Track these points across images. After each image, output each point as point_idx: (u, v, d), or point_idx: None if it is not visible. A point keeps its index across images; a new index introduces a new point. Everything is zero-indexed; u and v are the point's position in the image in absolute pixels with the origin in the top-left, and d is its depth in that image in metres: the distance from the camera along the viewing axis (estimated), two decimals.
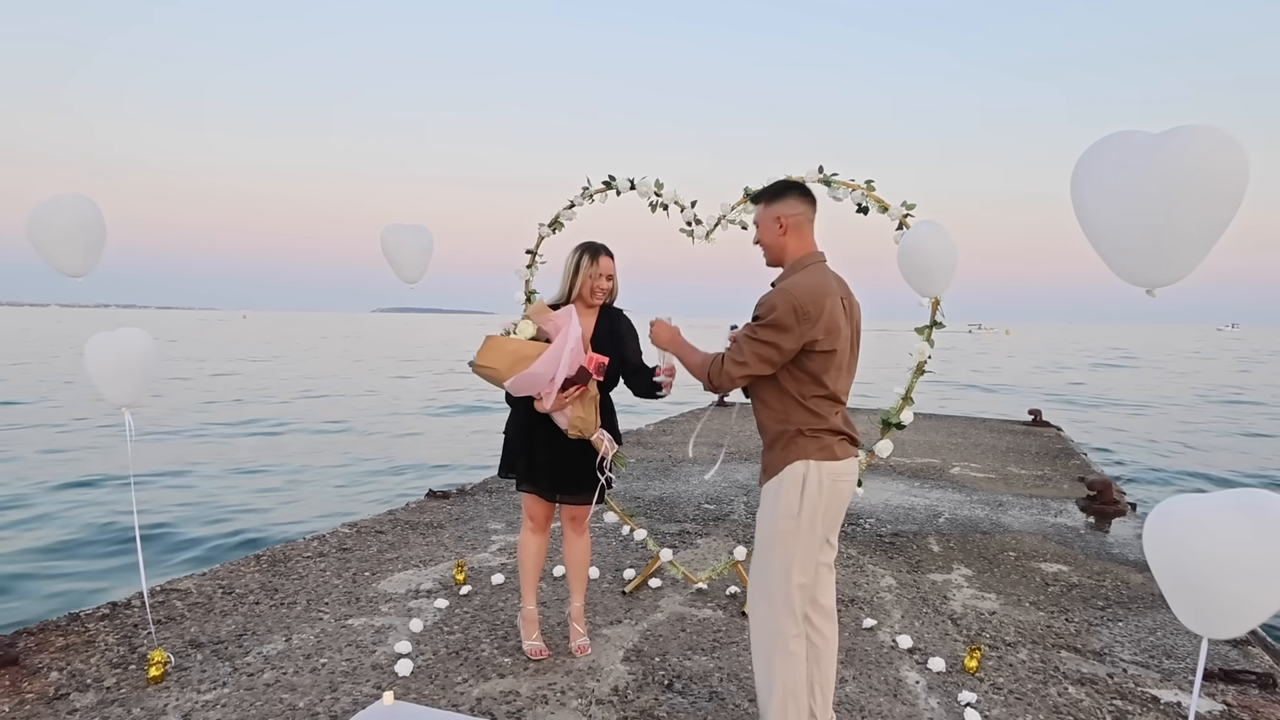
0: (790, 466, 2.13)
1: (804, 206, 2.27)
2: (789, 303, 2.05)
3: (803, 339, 2.06)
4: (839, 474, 2.14)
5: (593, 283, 2.79)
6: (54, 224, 2.66)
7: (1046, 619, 3.54)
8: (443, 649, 3.05)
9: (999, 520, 5.36)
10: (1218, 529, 1.51)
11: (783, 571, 2.13)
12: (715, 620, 3.41)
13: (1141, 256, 1.66)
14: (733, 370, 2.11)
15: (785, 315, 2.04)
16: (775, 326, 2.05)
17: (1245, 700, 2.80)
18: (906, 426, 3.38)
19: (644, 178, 3.67)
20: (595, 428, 2.78)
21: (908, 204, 3.24)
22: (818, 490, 2.11)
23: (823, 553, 2.20)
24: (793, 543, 2.12)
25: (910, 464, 7.48)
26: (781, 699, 2.13)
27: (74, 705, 2.57)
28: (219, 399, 17.91)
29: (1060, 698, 2.78)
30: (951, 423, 10.81)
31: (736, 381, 2.15)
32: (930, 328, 3.30)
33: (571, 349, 2.64)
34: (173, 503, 8.15)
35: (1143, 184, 1.60)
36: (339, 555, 4.22)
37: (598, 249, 2.81)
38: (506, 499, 5.58)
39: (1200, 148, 1.54)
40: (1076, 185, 1.73)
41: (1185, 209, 1.57)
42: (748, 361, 2.09)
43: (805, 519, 2.11)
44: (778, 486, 2.15)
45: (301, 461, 10.76)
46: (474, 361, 2.68)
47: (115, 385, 2.75)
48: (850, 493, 2.22)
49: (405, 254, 3.43)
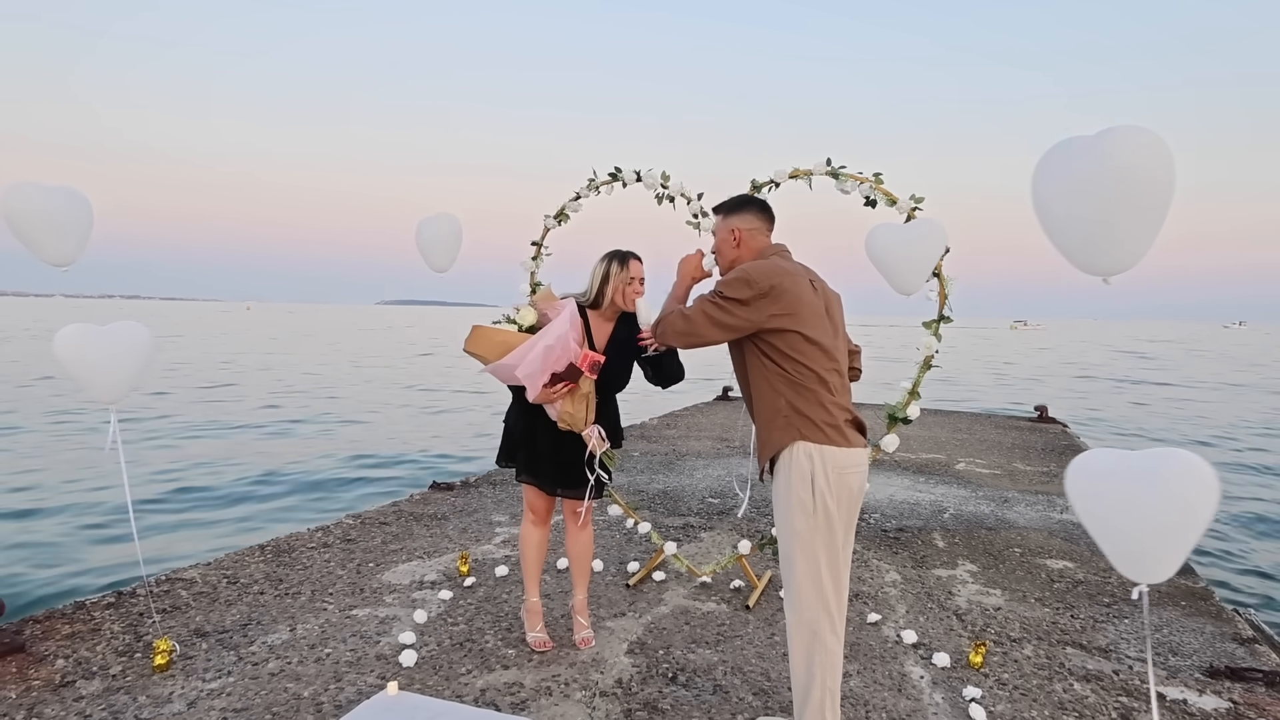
0: (790, 450, 2.12)
1: (760, 221, 2.34)
2: (742, 277, 2.13)
3: (760, 313, 2.11)
4: (844, 464, 2.12)
5: (625, 288, 2.79)
6: (32, 212, 2.57)
7: (1052, 615, 3.53)
8: (447, 640, 3.05)
9: (1004, 516, 5.34)
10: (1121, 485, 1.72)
11: (811, 571, 2.12)
12: (719, 613, 3.41)
13: (1088, 248, 1.82)
14: (678, 323, 2.20)
15: (738, 287, 2.11)
16: (727, 296, 2.12)
17: (1252, 698, 2.78)
18: (913, 421, 3.36)
19: (650, 169, 3.65)
20: (585, 424, 2.77)
21: (916, 197, 3.22)
22: (826, 483, 2.09)
23: (845, 546, 2.18)
24: (813, 541, 2.11)
25: (916, 459, 7.46)
26: (820, 695, 2.13)
27: (80, 693, 2.58)
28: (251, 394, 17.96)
29: (1065, 694, 2.77)
30: (957, 419, 10.78)
31: (678, 337, 2.22)
32: (938, 322, 3.28)
33: (547, 345, 2.60)
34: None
35: (1080, 182, 1.76)
36: (343, 546, 4.23)
37: (626, 255, 2.81)
38: (510, 491, 5.59)
39: (1125, 148, 1.69)
40: (1034, 187, 1.88)
41: (1116, 204, 1.73)
42: (693, 319, 2.17)
43: (821, 515, 2.10)
44: (786, 484, 2.14)
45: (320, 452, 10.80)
46: (465, 347, 2.70)
47: (103, 382, 2.66)
48: (861, 485, 2.18)
49: (438, 243, 3.38)
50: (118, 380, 2.69)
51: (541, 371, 2.62)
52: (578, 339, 2.70)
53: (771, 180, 3.51)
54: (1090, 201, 1.74)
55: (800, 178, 3.44)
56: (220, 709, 2.49)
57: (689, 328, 2.18)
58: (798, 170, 3.44)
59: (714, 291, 2.17)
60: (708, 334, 2.16)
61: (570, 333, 2.67)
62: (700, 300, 2.19)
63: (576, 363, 2.66)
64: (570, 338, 2.66)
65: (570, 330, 2.67)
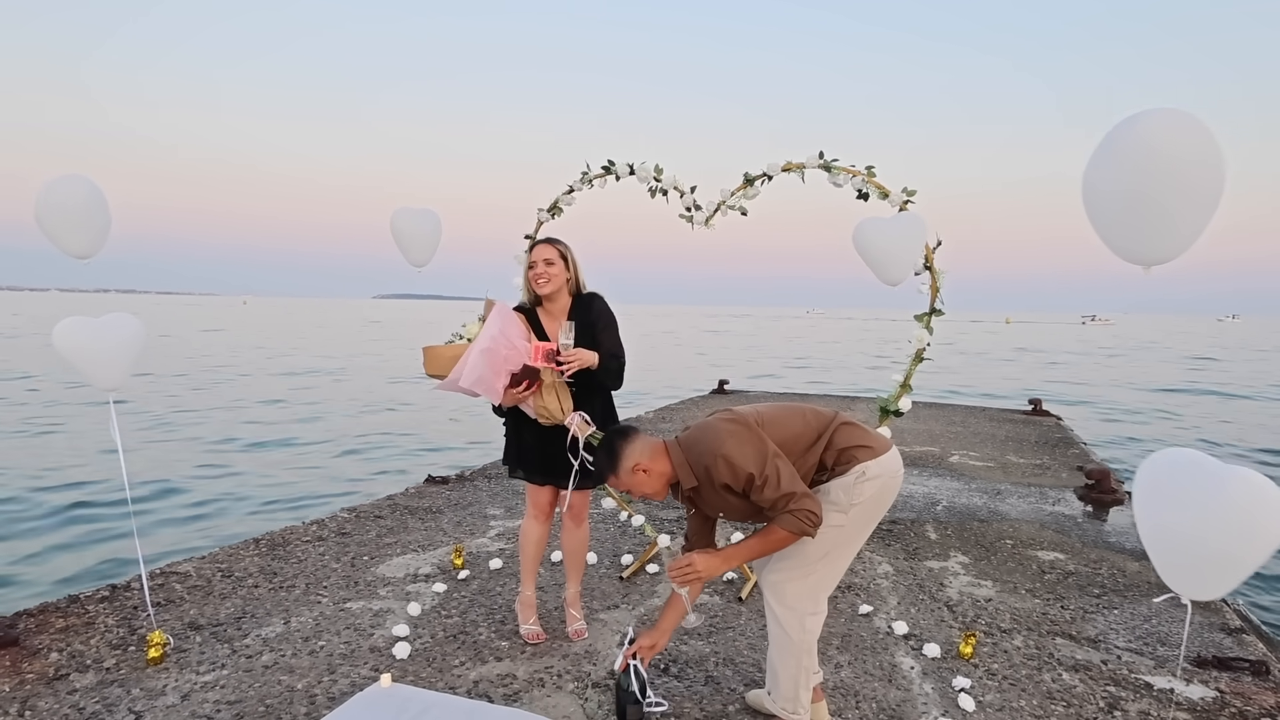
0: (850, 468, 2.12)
1: (648, 449, 2.15)
2: (737, 454, 2.02)
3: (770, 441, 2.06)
4: (886, 469, 2.12)
5: (530, 272, 2.80)
6: (62, 205, 2.65)
7: (1042, 606, 3.56)
8: (440, 632, 3.07)
9: (997, 508, 5.37)
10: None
11: (825, 563, 2.15)
12: (711, 605, 3.42)
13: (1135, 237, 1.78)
14: (807, 505, 2.01)
15: (755, 458, 2.02)
16: (757, 461, 2.02)
17: (1238, 687, 2.81)
18: (904, 414, 3.38)
19: (644, 163, 3.64)
20: (564, 413, 2.78)
21: (908, 190, 3.22)
22: (870, 487, 2.10)
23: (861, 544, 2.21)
24: (839, 538, 2.13)
25: (909, 452, 7.49)
26: (795, 667, 2.19)
27: (74, 685, 2.58)
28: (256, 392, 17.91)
29: (1054, 684, 2.80)
30: (951, 411, 10.82)
31: (814, 505, 2.03)
32: (929, 315, 3.29)
33: (481, 349, 2.57)
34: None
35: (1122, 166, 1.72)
36: (338, 540, 4.24)
37: (535, 242, 2.87)
38: (505, 485, 5.60)
39: (1159, 129, 1.66)
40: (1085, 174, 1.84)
41: (1163, 190, 1.69)
42: (794, 492, 2.02)
43: (855, 515, 2.11)
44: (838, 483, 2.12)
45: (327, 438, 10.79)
46: (424, 370, 2.71)
47: (104, 371, 2.70)
48: (897, 487, 2.18)
49: (415, 237, 3.41)
50: (118, 369, 2.73)
51: (494, 375, 2.60)
52: (522, 336, 2.70)
53: (765, 173, 3.51)
54: (1131, 185, 1.70)
55: (793, 171, 3.44)
56: (214, 701, 2.50)
57: (804, 488, 2.04)
58: (790, 164, 3.44)
59: (765, 482, 2.01)
60: (787, 474, 2.03)
61: (506, 331, 2.65)
62: (775, 480, 2.02)
63: (530, 360, 2.66)
64: (509, 336, 2.64)
65: (504, 328, 2.65)
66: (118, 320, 2.73)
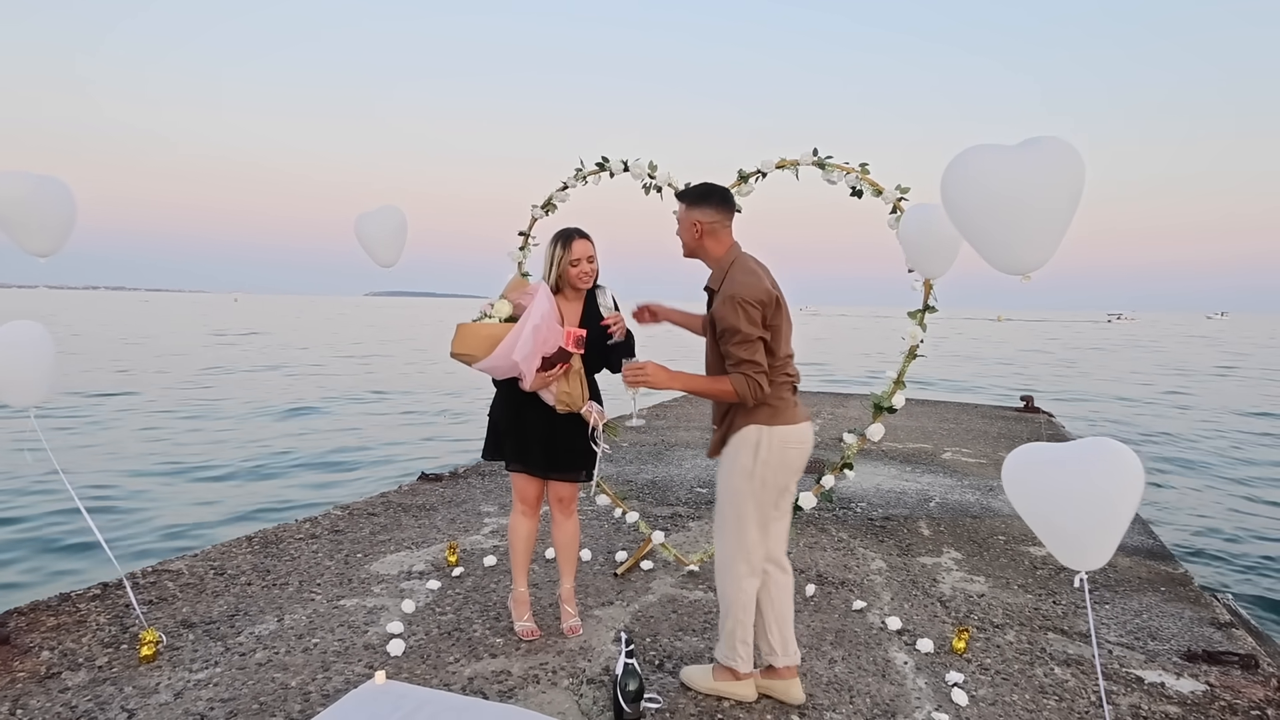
0: (742, 431, 2.37)
1: (720, 215, 2.43)
2: (743, 306, 2.26)
3: (766, 321, 2.31)
4: (788, 439, 2.37)
5: (574, 269, 2.77)
6: (18, 201, 2.57)
7: (1034, 601, 3.58)
8: (434, 629, 3.06)
9: (989, 505, 5.40)
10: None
11: (737, 523, 2.42)
12: (706, 602, 3.43)
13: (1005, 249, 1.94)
14: (758, 378, 2.28)
15: (748, 321, 2.26)
16: (749, 327, 2.26)
17: (1228, 680, 2.84)
18: (898, 410, 3.39)
19: (638, 159, 3.64)
20: (583, 401, 2.79)
21: (902, 188, 3.23)
22: (768, 454, 2.35)
23: (777, 508, 2.46)
24: (746, 499, 2.39)
25: (902, 449, 7.52)
26: (733, 624, 2.47)
27: (66, 684, 2.57)
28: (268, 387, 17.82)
29: (1046, 678, 2.82)
30: (943, 408, 10.86)
31: (765, 380, 2.29)
32: (923, 311, 3.30)
33: (534, 326, 2.61)
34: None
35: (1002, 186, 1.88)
36: (331, 537, 4.22)
37: (570, 234, 2.79)
38: (499, 482, 5.59)
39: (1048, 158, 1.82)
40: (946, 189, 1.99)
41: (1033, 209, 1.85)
42: (758, 362, 2.28)
43: (758, 479, 2.37)
44: (735, 448, 2.39)
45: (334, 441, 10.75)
46: (452, 350, 2.69)
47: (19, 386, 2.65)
48: (803, 456, 2.44)
49: (376, 239, 3.35)
50: (33, 382, 2.68)
51: (534, 354, 2.63)
52: (558, 319, 2.72)
53: (759, 170, 3.52)
54: (1010, 205, 1.85)
55: (787, 168, 3.45)
56: (207, 699, 2.50)
57: (761, 369, 2.28)
58: (784, 160, 3.45)
59: (736, 336, 2.27)
60: (759, 351, 2.29)
61: (552, 311, 2.69)
62: (739, 346, 2.28)
63: (563, 343, 2.68)
64: (553, 316, 2.68)
65: (551, 309, 2.69)
66: (17, 329, 2.65)
